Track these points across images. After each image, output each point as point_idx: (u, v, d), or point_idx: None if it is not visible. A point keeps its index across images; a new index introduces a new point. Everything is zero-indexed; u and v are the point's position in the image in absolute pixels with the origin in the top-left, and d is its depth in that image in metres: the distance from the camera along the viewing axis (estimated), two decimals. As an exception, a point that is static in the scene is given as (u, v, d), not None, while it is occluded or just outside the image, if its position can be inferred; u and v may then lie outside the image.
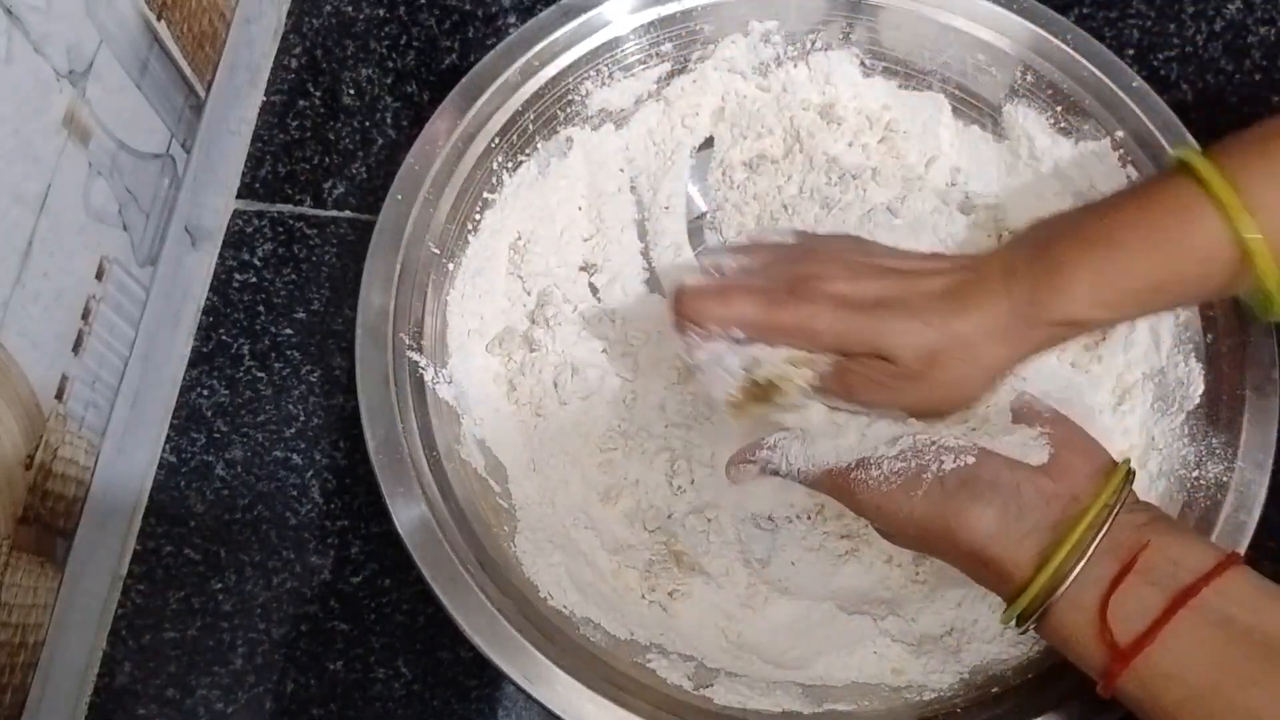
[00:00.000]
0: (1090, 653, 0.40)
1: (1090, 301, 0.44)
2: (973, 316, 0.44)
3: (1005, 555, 0.41)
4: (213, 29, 0.60)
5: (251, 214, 0.61)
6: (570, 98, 0.59)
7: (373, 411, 0.50)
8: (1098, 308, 0.44)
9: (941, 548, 0.44)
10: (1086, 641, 0.40)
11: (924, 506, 0.43)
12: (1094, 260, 0.44)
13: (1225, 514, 0.49)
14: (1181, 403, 0.52)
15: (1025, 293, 0.44)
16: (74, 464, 0.50)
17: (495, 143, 0.57)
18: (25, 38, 0.43)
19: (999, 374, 0.46)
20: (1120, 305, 0.45)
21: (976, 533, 0.42)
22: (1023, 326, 0.44)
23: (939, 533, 0.43)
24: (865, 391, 0.45)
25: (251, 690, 0.52)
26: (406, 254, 0.53)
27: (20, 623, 0.47)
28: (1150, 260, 0.44)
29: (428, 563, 0.47)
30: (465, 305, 0.56)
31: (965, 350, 0.44)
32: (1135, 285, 0.44)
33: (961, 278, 0.46)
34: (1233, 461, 0.50)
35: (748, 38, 0.60)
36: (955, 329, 0.44)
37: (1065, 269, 0.44)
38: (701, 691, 0.48)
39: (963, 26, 0.59)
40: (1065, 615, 0.40)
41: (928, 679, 0.49)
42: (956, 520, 0.42)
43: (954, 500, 0.42)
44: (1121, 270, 0.44)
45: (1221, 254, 0.43)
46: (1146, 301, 0.45)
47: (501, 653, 0.46)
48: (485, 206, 0.57)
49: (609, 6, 0.59)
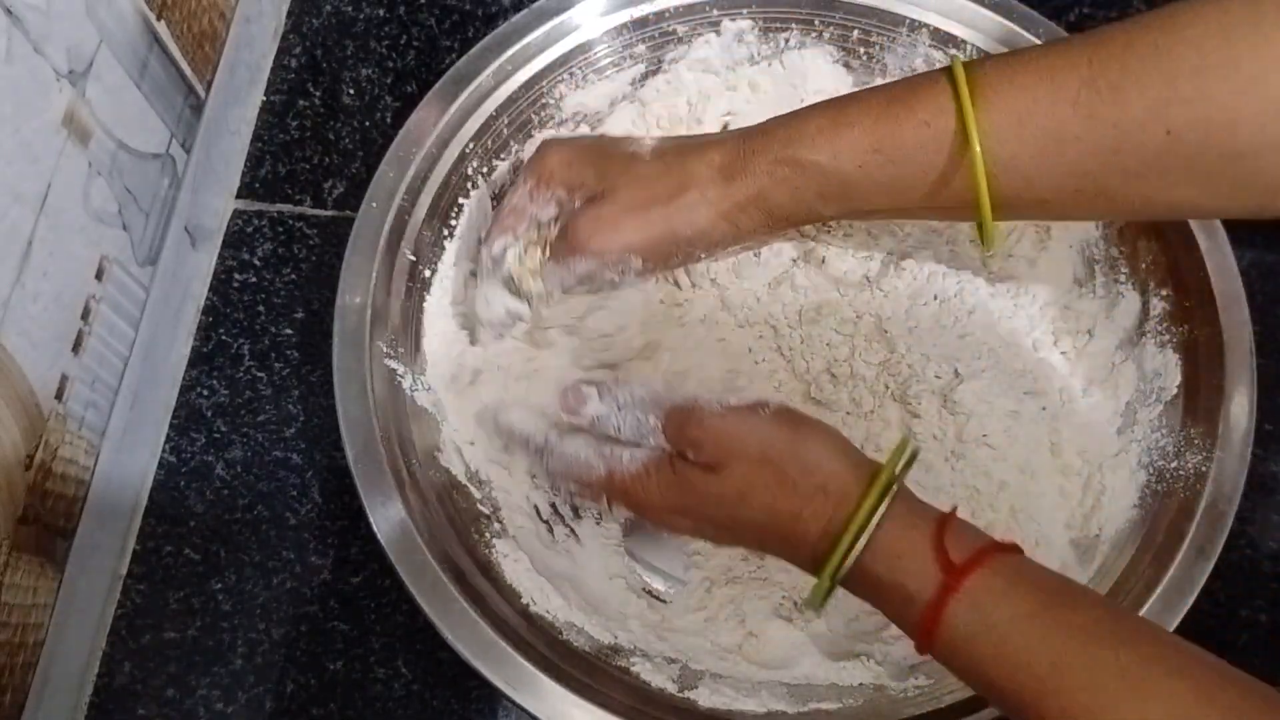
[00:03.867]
0: (921, 578, 0.40)
1: (814, 139, 0.47)
2: (691, 158, 0.49)
3: (805, 543, 0.43)
4: (213, 29, 0.60)
5: (251, 214, 0.61)
6: (544, 101, 0.59)
7: (351, 420, 0.49)
8: (819, 149, 0.46)
9: (747, 515, 0.44)
10: (916, 570, 0.40)
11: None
12: (828, 109, 0.47)
13: (1204, 504, 0.49)
14: (1160, 394, 0.53)
15: (755, 140, 0.48)
16: (74, 464, 0.50)
17: (470, 148, 0.57)
18: (25, 38, 0.43)
19: (709, 214, 0.49)
20: (841, 151, 0.46)
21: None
22: (743, 163, 0.48)
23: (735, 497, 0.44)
24: (591, 227, 0.50)
25: (251, 690, 0.52)
26: (382, 260, 0.53)
27: (20, 623, 0.47)
28: (876, 117, 0.46)
29: (409, 570, 0.47)
30: (442, 311, 0.56)
31: (680, 181, 0.49)
32: (857, 136, 0.46)
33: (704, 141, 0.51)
34: (1211, 451, 0.50)
35: (721, 37, 0.60)
36: (673, 162, 0.49)
37: (798, 116, 0.48)
38: (686, 694, 0.48)
39: (935, 23, 0.59)
40: (892, 544, 0.41)
41: (915, 680, 0.49)
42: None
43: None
44: (850, 119, 0.46)
45: (944, 124, 0.44)
46: (866, 161, 0.46)
47: (484, 659, 0.45)
48: (461, 211, 0.57)
49: (581, 9, 0.59)
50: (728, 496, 0.44)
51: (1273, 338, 0.57)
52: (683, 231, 0.49)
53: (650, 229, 0.49)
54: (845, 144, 0.46)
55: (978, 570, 0.39)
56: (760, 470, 0.43)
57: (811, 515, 0.42)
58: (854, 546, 0.41)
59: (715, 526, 0.45)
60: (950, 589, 0.39)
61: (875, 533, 0.41)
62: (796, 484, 0.43)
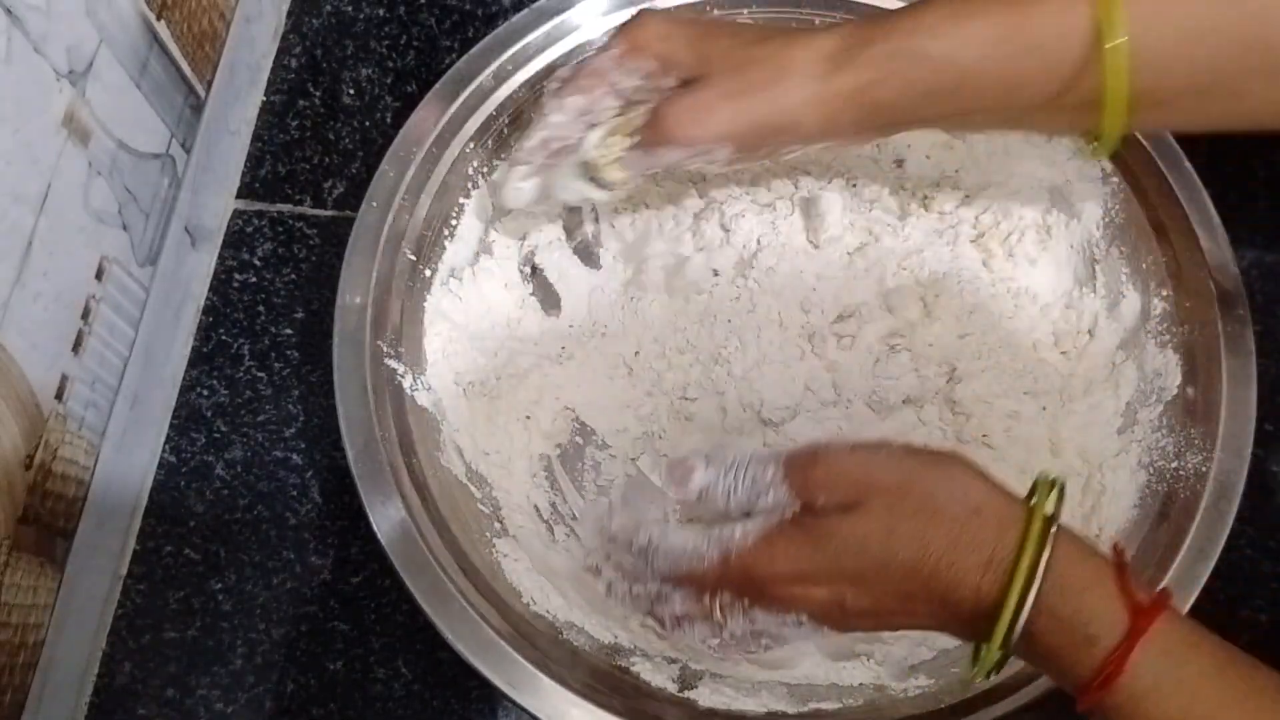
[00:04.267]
0: (1108, 623, 0.36)
1: (935, 28, 0.43)
2: (797, 45, 0.45)
3: (965, 581, 0.38)
4: (213, 29, 0.60)
5: (251, 214, 0.61)
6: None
7: (351, 420, 0.49)
8: (941, 36, 0.43)
9: (906, 592, 0.39)
10: (1100, 608, 0.36)
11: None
12: (951, 3, 0.44)
13: (1205, 504, 0.49)
14: (1160, 394, 0.53)
15: (869, 26, 0.45)
16: (74, 464, 0.50)
17: (470, 148, 0.57)
18: (25, 38, 0.43)
19: (819, 108, 0.45)
20: (966, 41, 0.43)
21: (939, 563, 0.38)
22: (852, 52, 0.44)
23: (903, 573, 0.39)
24: (691, 113, 0.46)
25: (251, 690, 0.52)
26: (383, 260, 0.53)
27: (20, 623, 0.47)
28: (1006, 3, 0.43)
29: (409, 570, 0.47)
30: (442, 311, 0.56)
31: (780, 54, 0.45)
32: (983, 26, 0.43)
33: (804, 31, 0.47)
34: (1212, 451, 0.50)
35: None
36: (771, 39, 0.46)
37: (919, 5, 0.45)
38: (686, 694, 0.48)
39: None
40: (1070, 597, 0.37)
41: (915, 680, 0.49)
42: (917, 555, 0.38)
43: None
44: (975, 7, 0.43)
45: (1077, 19, 0.41)
46: (990, 52, 0.43)
47: (484, 659, 0.45)
48: (461, 211, 0.57)
49: (581, 9, 0.59)
50: (872, 535, 0.38)
51: (1273, 338, 0.57)
52: (776, 120, 0.46)
53: (745, 116, 0.46)
54: (971, 32, 0.43)
55: (1164, 613, 0.36)
56: (905, 499, 0.39)
57: (969, 544, 0.37)
58: (1034, 578, 0.36)
59: (855, 584, 0.39)
60: (1139, 631, 0.36)
61: (1050, 562, 0.36)
62: (946, 510, 0.38)
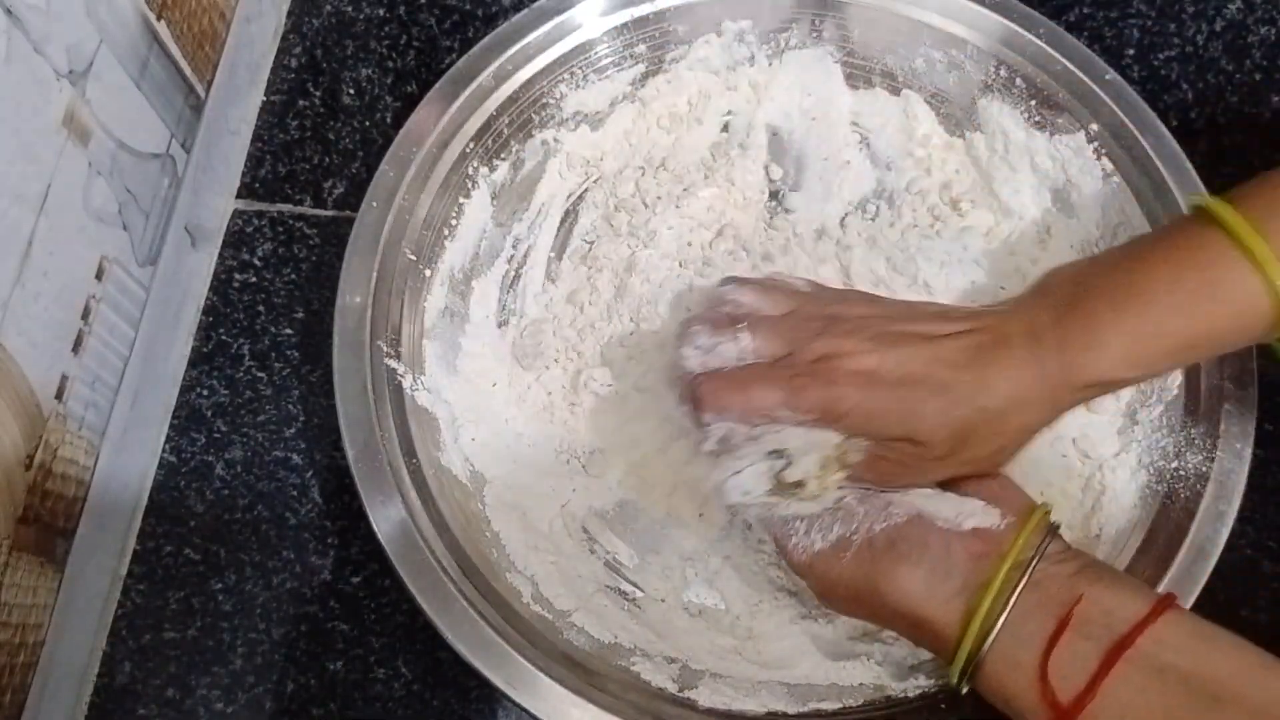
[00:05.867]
0: (1033, 712, 0.39)
1: (1124, 363, 0.43)
2: (1001, 389, 0.43)
3: (936, 615, 0.41)
4: (213, 29, 0.60)
5: (251, 214, 0.61)
6: (545, 101, 0.59)
7: (351, 420, 0.49)
8: (1131, 368, 0.43)
9: (873, 609, 0.43)
10: (1028, 701, 0.39)
11: (853, 567, 0.43)
12: (1126, 321, 0.43)
13: (1205, 504, 0.49)
14: (1160, 394, 0.53)
15: (1054, 357, 0.43)
16: (74, 464, 0.50)
17: (470, 148, 0.57)
18: (25, 38, 0.43)
19: (1028, 438, 0.45)
20: (1153, 363, 0.44)
21: (906, 594, 0.41)
22: (1052, 391, 0.44)
23: (868, 593, 0.42)
24: (896, 477, 0.45)
25: (251, 690, 0.52)
26: (383, 261, 0.53)
27: (20, 623, 0.47)
28: (1185, 318, 0.43)
29: (409, 570, 0.47)
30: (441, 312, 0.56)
31: (996, 424, 0.44)
32: (1169, 344, 0.43)
33: (982, 339, 0.44)
34: (1212, 452, 0.50)
35: (721, 38, 0.60)
36: (984, 404, 0.43)
37: (1097, 331, 0.43)
38: (686, 693, 0.48)
39: (935, 22, 0.59)
40: (1003, 674, 0.40)
41: (915, 680, 0.49)
42: (885, 580, 0.42)
43: (882, 561, 0.42)
44: (1156, 330, 0.43)
45: (1258, 306, 0.42)
46: (1180, 357, 0.45)
47: (484, 659, 0.46)
48: (461, 211, 0.57)
49: (581, 9, 0.59)
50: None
51: (1273, 338, 0.57)
52: (983, 467, 0.46)
53: (953, 469, 0.45)
54: (1162, 358, 0.44)
55: (1086, 707, 0.38)
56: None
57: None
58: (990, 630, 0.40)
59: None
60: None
61: (979, 658, 0.40)
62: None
